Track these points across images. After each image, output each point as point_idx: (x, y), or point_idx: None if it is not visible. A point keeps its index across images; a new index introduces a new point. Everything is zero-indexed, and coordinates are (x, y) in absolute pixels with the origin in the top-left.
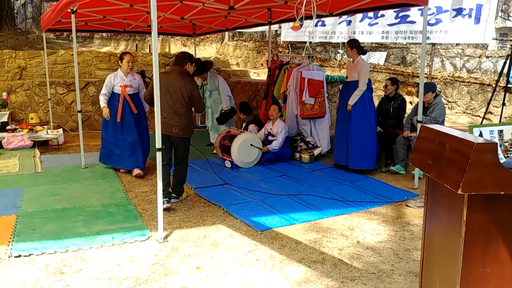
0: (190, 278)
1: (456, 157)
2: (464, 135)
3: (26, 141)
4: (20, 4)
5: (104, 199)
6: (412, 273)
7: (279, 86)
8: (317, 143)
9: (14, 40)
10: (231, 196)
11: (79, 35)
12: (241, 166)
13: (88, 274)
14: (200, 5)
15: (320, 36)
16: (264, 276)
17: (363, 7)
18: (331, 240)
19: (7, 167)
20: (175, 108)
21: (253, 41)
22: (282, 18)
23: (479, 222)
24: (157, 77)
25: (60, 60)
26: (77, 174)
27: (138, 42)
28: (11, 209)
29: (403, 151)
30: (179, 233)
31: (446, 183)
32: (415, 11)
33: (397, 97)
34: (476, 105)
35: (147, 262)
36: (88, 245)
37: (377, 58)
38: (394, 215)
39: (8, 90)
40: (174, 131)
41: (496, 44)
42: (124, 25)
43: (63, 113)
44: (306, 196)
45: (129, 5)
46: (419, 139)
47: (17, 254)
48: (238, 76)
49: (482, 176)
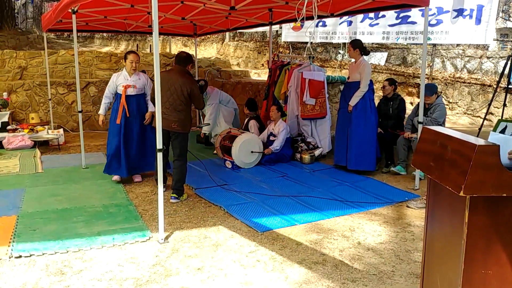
0: (191, 279)
1: (458, 159)
2: (466, 136)
3: (26, 141)
4: (20, 4)
5: (105, 199)
6: (413, 275)
7: (280, 86)
8: (318, 143)
9: (15, 40)
10: (231, 196)
11: (79, 35)
12: (241, 167)
13: (88, 275)
14: (201, 5)
15: (321, 37)
16: (265, 277)
17: (364, 8)
18: (332, 241)
19: (7, 167)
20: (175, 105)
21: (254, 42)
22: (283, 18)
23: (481, 224)
24: (158, 77)
25: (61, 60)
26: (77, 175)
27: (139, 42)
28: (11, 209)
29: (403, 151)
30: (179, 233)
31: (447, 185)
32: (416, 11)
33: (396, 98)
34: (477, 106)
35: (147, 263)
36: (88, 245)
37: (377, 59)
38: (395, 216)
39: (9, 90)
40: (173, 126)
41: (497, 44)
42: (125, 25)
43: (63, 113)
44: (307, 197)
45: (130, 5)
46: (421, 141)
47: (17, 255)
48: (238, 76)
49: (484, 178)
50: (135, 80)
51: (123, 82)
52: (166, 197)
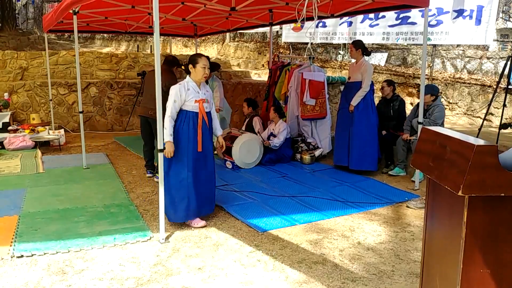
0: (192, 278)
1: (457, 159)
2: (465, 137)
3: (27, 141)
4: (21, 4)
5: (106, 199)
6: (413, 274)
7: (280, 87)
8: (318, 144)
9: (16, 41)
10: (232, 197)
11: (80, 35)
12: (242, 167)
13: (90, 275)
14: (202, 6)
15: (321, 37)
16: (265, 276)
17: (364, 9)
18: (332, 241)
19: (9, 168)
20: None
21: (254, 42)
22: (283, 19)
23: (480, 223)
24: (159, 77)
25: (62, 60)
26: (78, 175)
27: (139, 43)
28: (13, 209)
29: (402, 152)
30: (180, 233)
31: (446, 184)
32: (416, 12)
33: (396, 98)
34: (477, 106)
35: (148, 263)
36: (90, 245)
37: (378, 59)
38: (395, 216)
39: (10, 91)
40: (150, 113)
41: (497, 45)
42: (125, 26)
43: (64, 113)
44: (307, 197)
45: (130, 6)
46: (420, 141)
47: (19, 255)
48: (239, 77)
49: (483, 178)
50: (205, 93)
51: (195, 96)
52: None
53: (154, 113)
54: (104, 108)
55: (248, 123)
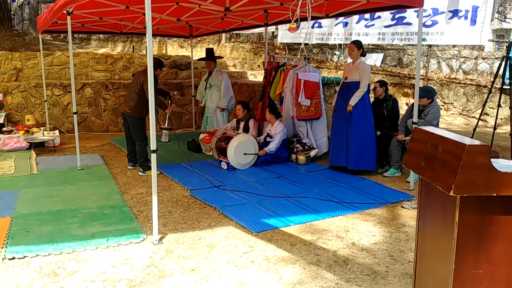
0: (185, 280)
1: (448, 159)
2: (457, 137)
3: (22, 142)
4: (17, 5)
5: (100, 201)
6: (407, 275)
7: (275, 87)
8: (313, 144)
9: (11, 42)
10: (226, 197)
11: (76, 36)
12: (237, 168)
13: (82, 276)
14: (196, 6)
15: (317, 38)
16: (259, 278)
17: (359, 9)
18: (326, 242)
19: (2, 169)
20: (130, 93)
21: (250, 43)
22: (279, 19)
23: (472, 223)
24: (152, 78)
25: (57, 61)
26: (73, 176)
27: (135, 44)
28: (6, 211)
29: (397, 153)
30: (174, 235)
31: (438, 185)
32: (411, 12)
33: (389, 98)
34: (472, 106)
35: (141, 264)
36: (82, 247)
37: (373, 60)
38: (389, 217)
39: (4, 92)
40: (126, 109)
41: (493, 45)
42: (120, 26)
43: (59, 114)
44: (302, 198)
45: (125, 6)
46: (413, 141)
47: (11, 256)
48: (235, 77)
49: (474, 178)
50: None
51: None
52: (161, 198)
53: (128, 109)
54: (99, 109)
55: (244, 126)
